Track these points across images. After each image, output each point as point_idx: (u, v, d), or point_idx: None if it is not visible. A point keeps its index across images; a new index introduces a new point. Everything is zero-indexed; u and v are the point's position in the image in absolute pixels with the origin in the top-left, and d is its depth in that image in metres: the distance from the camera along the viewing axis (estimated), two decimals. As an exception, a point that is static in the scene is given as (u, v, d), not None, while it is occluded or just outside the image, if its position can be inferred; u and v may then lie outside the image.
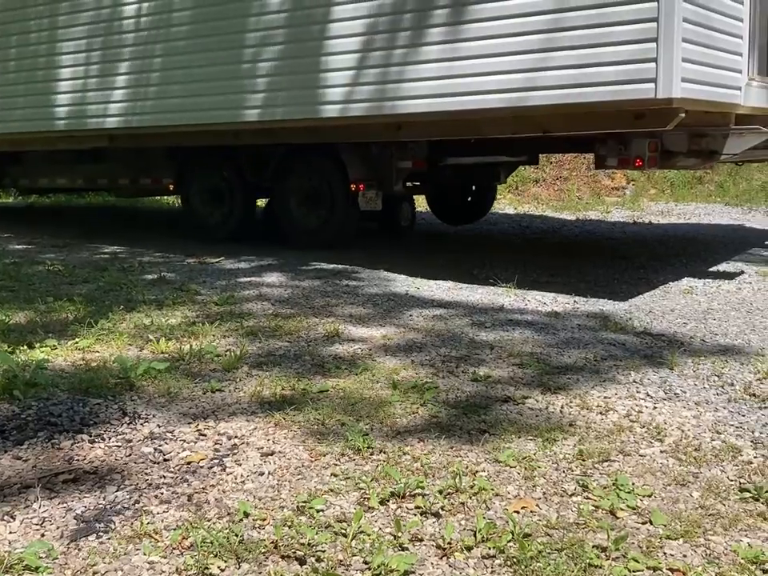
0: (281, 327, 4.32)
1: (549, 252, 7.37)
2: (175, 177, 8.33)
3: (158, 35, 7.70)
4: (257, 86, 6.99)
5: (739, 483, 2.45)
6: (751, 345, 4.00)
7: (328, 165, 7.29)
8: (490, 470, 2.56)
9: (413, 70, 6.03)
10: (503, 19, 5.59)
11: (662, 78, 4.90)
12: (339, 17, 6.48)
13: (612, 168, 6.73)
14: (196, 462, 2.66)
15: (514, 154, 8.03)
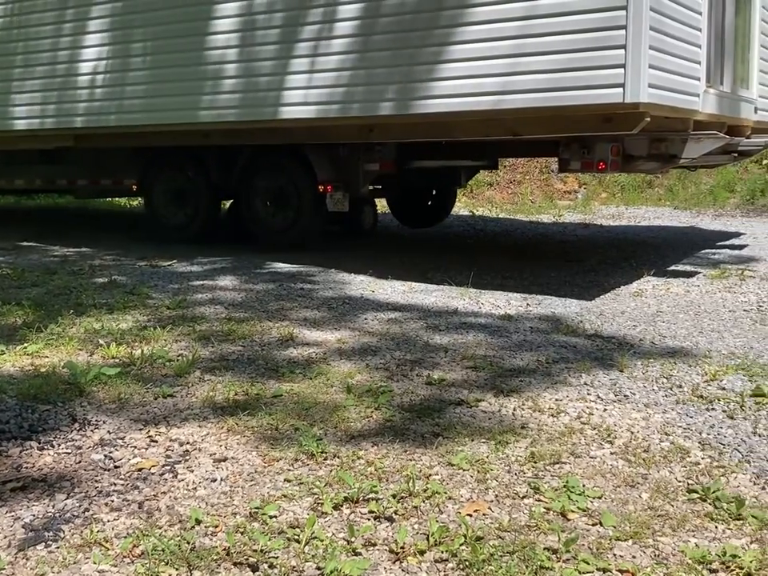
0: (234, 331, 4.29)
1: (502, 255, 7.43)
2: (138, 177, 8.26)
3: (127, 35, 7.65)
4: (228, 87, 7.00)
5: (687, 484, 2.49)
6: (699, 347, 4.07)
7: (295, 166, 7.34)
8: (444, 473, 2.57)
9: (385, 73, 6.11)
10: (474, 25, 5.71)
11: (629, 83, 5.08)
12: (313, 20, 6.51)
13: (575, 171, 6.86)
14: (147, 468, 2.63)
15: (478, 158, 8.15)
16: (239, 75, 6.93)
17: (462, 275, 6.15)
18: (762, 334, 4.36)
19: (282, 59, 6.71)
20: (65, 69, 8.09)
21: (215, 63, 7.06)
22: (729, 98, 6.69)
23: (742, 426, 2.96)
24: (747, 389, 3.36)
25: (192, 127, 7.27)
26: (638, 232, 9.34)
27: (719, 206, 12.09)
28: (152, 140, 7.70)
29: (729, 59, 6.71)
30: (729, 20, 6.66)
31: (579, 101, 5.32)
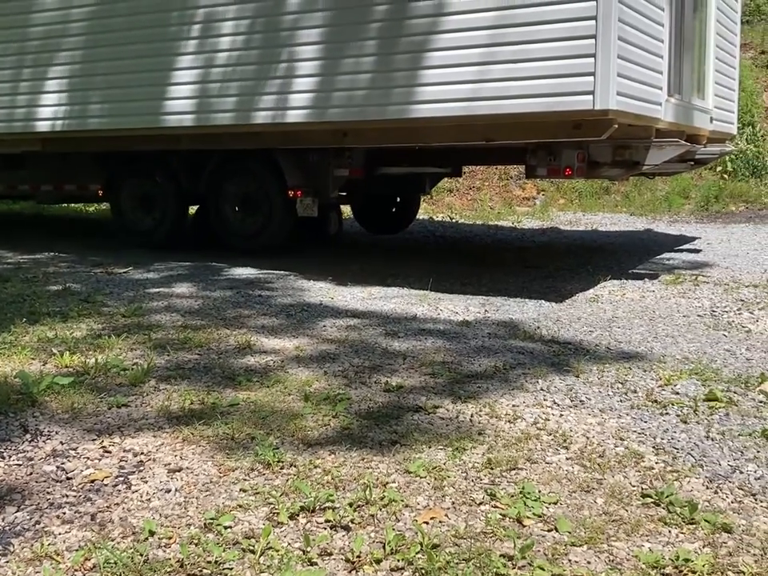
0: (190, 339, 4.25)
1: (461, 261, 7.46)
2: (104, 182, 8.20)
3: (98, 39, 7.62)
4: (201, 92, 7.01)
5: (641, 489, 2.52)
6: (653, 352, 4.12)
7: (265, 171, 7.36)
8: (401, 480, 2.57)
9: (360, 79, 6.19)
10: (446, 33, 5.83)
11: (599, 90, 5.28)
12: (288, 26, 6.55)
13: (542, 177, 6.96)
14: (100, 479, 2.60)
15: (444, 165, 8.22)
16: (212, 80, 6.95)
17: (421, 281, 6.16)
18: (715, 338, 4.42)
19: (255, 64, 6.75)
20: (32, 72, 8.03)
21: (188, 68, 7.07)
22: (687, 107, 6.88)
23: (695, 431, 3.00)
24: (700, 393, 3.41)
25: (163, 132, 7.28)
26: (594, 238, 9.44)
27: (674, 212, 12.26)
28: (122, 144, 7.68)
29: (687, 70, 6.90)
30: (687, 32, 6.84)
31: (550, 107, 5.48)
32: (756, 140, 13.50)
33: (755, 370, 3.76)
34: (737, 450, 2.81)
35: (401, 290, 5.88)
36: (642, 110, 5.80)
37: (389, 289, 5.94)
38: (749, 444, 2.87)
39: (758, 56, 15.56)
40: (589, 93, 5.32)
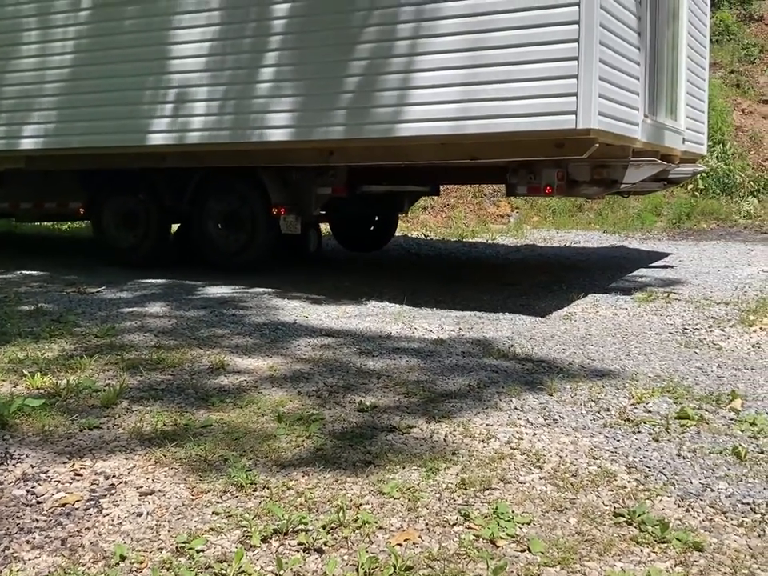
0: (163, 359, 4.22)
1: (436, 279, 7.48)
2: (86, 200, 8.18)
3: (84, 58, 7.62)
4: (189, 110, 7.05)
5: (614, 508, 2.53)
6: (626, 370, 4.15)
7: (249, 189, 7.43)
8: (374, 502, 2.56)
9: (347, 98, 6.28)
10: (430, 54, 5.95)
11: (581, 110, 5.43)
12: (275, 46, 6.63)
13: (522, 195, 7.13)
14: (71, 503, 2.57)
15: (424, 184, 8.32)
16: (201, 99, 7.00)
17: (396, 299, 6.18)
18: (687, 356, 4.46)
19: (244, 83, 6.80)
20: (17, 90, 8.01)
21: (174, 87, 7.11)
22: (662, 127, 7.06)
23: (666, 449, 3.02)
24: (672, 411, 3.43)
25: (149, 150, 7.32)
26: (568, 255, 9.51)
27: (647, 229, 12.39)
28: (106, 162, 7.68)
29: (661, 92, 7.07)
30: (661, 53, 7.03)
31: (534, 126, 5.62)
32: (726, 158, 13.69)
33: (726, 388, 3.80)
34: (708, 468, 2.83)
35: (375, 308, 5.89)
36: (621, 130, 5.94)
37: (363, 307, 5.95)
38: (720, 462, 2.89)
39: (727, 75, 15.80)
40: (572, 113, 5.46)
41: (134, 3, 7.34)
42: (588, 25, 5.40)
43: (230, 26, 6.88)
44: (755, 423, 3.26)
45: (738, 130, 14.51)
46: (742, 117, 14.86)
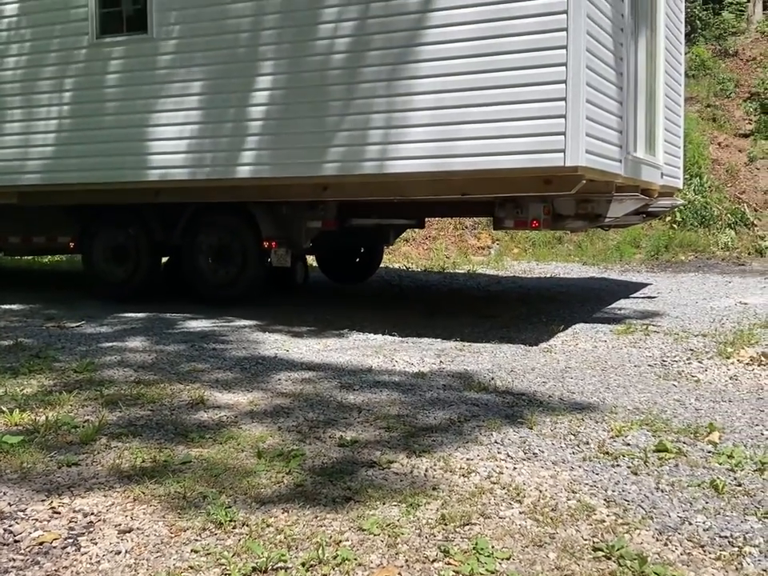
0: (143, 395, 4.20)
1: (417, 311, 7.50)
2: (76, 235, 8.24)
3: (82, 96, 7.73)
4: (185, 147, 7.20)
5: (593, 542, 2.54)
6: (605, 402, 4.17)
7: (240, 223, 7.56)
8: (354, 538, 2.56)
9: (342, 136, 6.47)
10: (424, 94, 6.16)
11: (569, 149, 5.65)
12: (271, 85, 6.82)
13: (509, 228, 7.40)
14: (49, 542, 2.55)
15: (412, 217, 8.50)
16: (194, 136, 7.14)
17: (377, 332, 6.20)
18: (665, 388, 4.49)
19: (239, 121, 6.97)
20: (10, 126, 8.10)
21: (171, 124, 7.25)
22: (642, 163, 7.27)
23: (645, 482, 3.04)
24: (651, 444, 3.45)
25: (143, 185, 7.44)
26: (548, 287, 9.57)
27: (625, 261, 12.49)
28: (101, 197, 7.77)
29: (641, 128, 7.27)
30: (640, 92, 7.25)
31: (524, 164, 5.83)
32: (703, 191, 13.87)
33: (704, 420, 3.83)
34: (686, 501, 2.85)
35: (356, 341, 5.89)
36: (605, 167, 6.15)
37: (344, 340, 5.95)
38: (698, 495, 2.91)
39: (703, 109, 16.06)
40: (560, 151, 5.68)
41: (126, 44, 7.49)
42: (575, 67, 5.63)
43: (223, 65, 7.03)
44: (733, 456, 3.28)
45: (715, 163, 14.73)
46: (719, 150, 15.09)
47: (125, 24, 7.58)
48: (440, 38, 6.11)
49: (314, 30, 6.62)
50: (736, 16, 19.00)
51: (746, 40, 17.97)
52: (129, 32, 7.53)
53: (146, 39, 7.36)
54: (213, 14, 7.05)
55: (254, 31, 6.89)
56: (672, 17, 8.51)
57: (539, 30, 5.74)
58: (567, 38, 5.64)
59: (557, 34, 5.67)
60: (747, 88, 16.39)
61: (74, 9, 7.68)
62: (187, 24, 7.18)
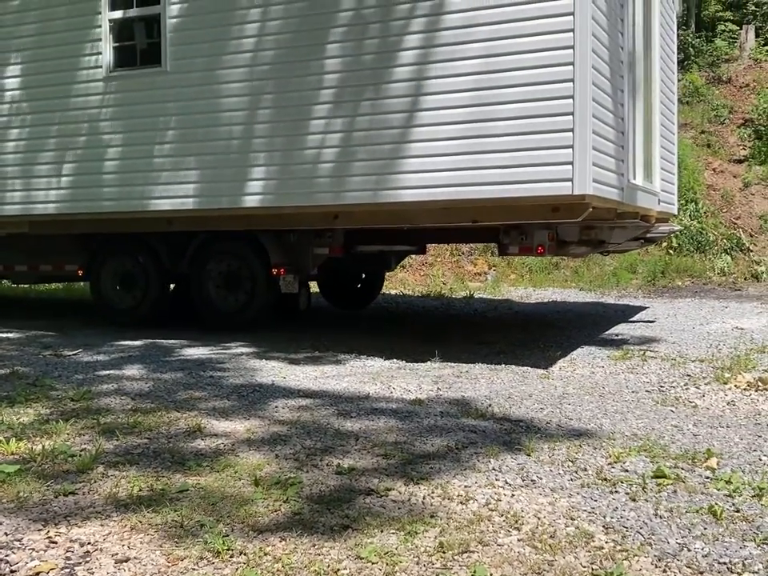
0: (140, 423, 4.20)
1: (414, 337, 7.50)
2: (84, 263, 8.35)
3: (92, 127, 7.87)
4: (199, 177, 7.38)
5: (591, 569, 2.53)
6: (603, 429, 4.17)
7: (249, 250, 7.71)
8: (352, 567, 2.55)
9: (353, 166, 6.71)
10: (437, 126, 6.34)
11: (576, 178, 5.85)
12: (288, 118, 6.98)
13: (514, 254, 7.57)
14: (45, 572, 2.53)
15: (415, 243, 8.65)
16: (211, 166, 7.32)
17: (374, 358, 6.19)
18: (663, 414, 4.49)
19: (252, 151, 7.14)
20: (22, 157, 8.22)
21: (186, 155, 7.43)
22: (641, 190, 7.43)
23: (643, 509, 3.03)
24: (649, 470, 3.45)
25: (157, 215, 7.58)
26: (545, 313, 9.58)
27: (622, 286, 12.52)
28: (112, 226, 7.90)
29: (639, 155, 7.44)
30: (638, 120, 7.41)
31: (533, 192, 6.02)
32: (699, 216, 13.94)
33: (702, 446, 3.82)
34: (684, 528, 2.84)
35: (354, 368, 5.89)
36: (609, 195, 6.36)
37: (341, 367, 5.95)
38: (696, 521, 2.90)
39: (698, 135, 16.17)
40: (568, 180, 5.87)
41: (140, 77, 7.67)
42: (581, 99, 5.84)
43: (235, 98, 7.21)
44: (731, 481, 3.28)
45: (710, 189, 14.81)
46: (714, 176, 15.18)
47: (138, 57, 7.80)
48: (448, 71, 6.32)
49: (322, 62, 6.80)
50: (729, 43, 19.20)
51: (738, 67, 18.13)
52: (143, 65, 7.74)
53: (159, 72, 7.55)
54: (226, 48, 7.23)
55: (264, 65, 7.07)
56: (665, 46, 8.64)
57: (546, 63, 5.95)
58: (574, 71, 5.85)
59: (564, 68, 5.89)
60: (741, 114, 16.53)
61: (88, 42, 7.85)
62: (201, 57, 7.36)
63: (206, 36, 7.29)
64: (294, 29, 6.92)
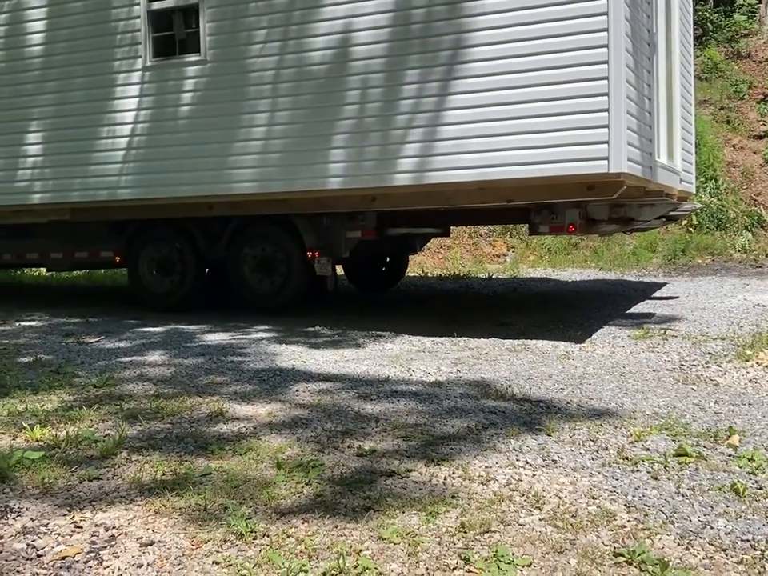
0: (162, 408, 4.23)
1: (433, 319, 7.50)
2: (121, 249, 8.51)
3: (135, 116, 8.02)
4: (241, 162, 7.55)
5: (614, 548, 2.53)
6: (624, 408, 4.16)
7: (284, 234, 7.87)
8: (374, 547, 2.57)
9: (391, 149, 6.87)
10: (479, 107, 6.51)
11: (612, 156, 6.04)
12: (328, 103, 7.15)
13: (544, 234, 7.75)
14: (71, 556, 2.57)
15: (443, 225, 8.87)
16: (253, 152, 7.49)
17: (393, 341, 6.20)
18: (684, 393, 4.48)
19: (293, 137, 7.30)
20: (66, 145, 8.34)
21: (230, 141, 7.59)
22: (666, 169, 7.51)
23: (665, 487, 3.03)
24: (670, 449, 3.44)
25: (198, 200, 7.75)
26: (564, 294, 9.55)
27: (642, 266, 12.45)
28: (154, 212, 8.08)
29: (663, 134, 7.55)
30: (661, 100, 7.48)
31: (569, 171, 6.21)
32: (719, 193, 13.81)
33: (723, 424, 3.81)
34: (707, 506, 2.84)
35: (373, 351, 5.90)
36: (641, 173, 6.50)
37: (361, 350, 5.96)
38: (718, 499, 2.90)
39: (717, 112, 16.00)
40: (604, 158, 6.06)
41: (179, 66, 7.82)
42: (616, 80, 6.03)
43: (284, 83, 7.37)
44: (753, 459, 3.27)
45: (730, 166, 14.66)
46: (733, 152, 15.02)
47: (177, 47, 7.96)
48: (486, 55, 6.49)
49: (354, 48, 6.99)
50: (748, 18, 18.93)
51: (758, 41, 17.89)
52: (182, 54, 7.89)
53: (198, 61, 7.69)
54: (263, 36, 7.38)
55: (300, 53, 7.24)
56: (684, 23, 8.60)
57: (582, 46, 6.15)
58: (608, 54, 6.04)
59: (599, 50, 6.08)
60: (761, 89, 16.32)
61: (128, 33, 8.00)
62: (239, 46, 7.51)
63: (244, 24, 7.48)
64: (330, 16, 7.08)
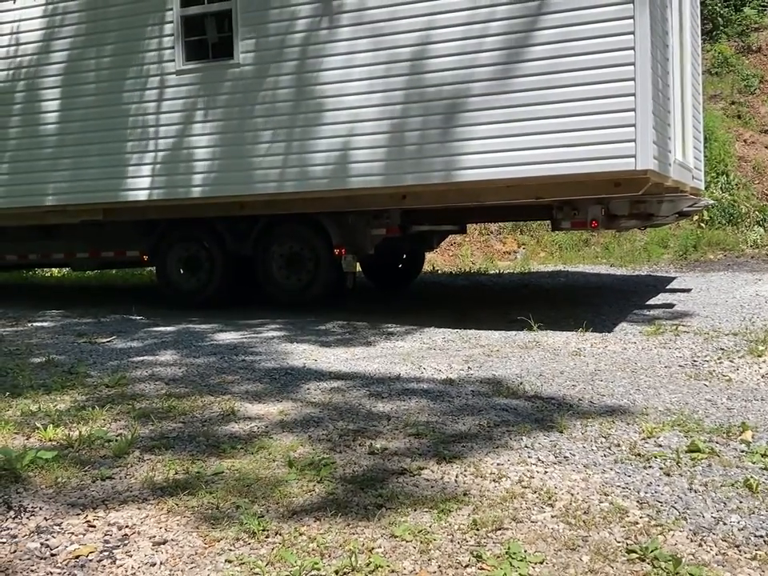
0: (174, 408, 4.24)
1: (444, 316, 7.49)
2: (149, 248, 8.65)
3: (168, 118, 8.15)
4: (274, 162, 7.70)
5: (626, 544, 2.52)
6: (636, 404, 4.15)
7: (311, 232, 8.04)
8: (386, 545, 2.57)
9: (423, 149, 7.05)
10: (507, 108, 6.71)
11: (639, 154, 6.26)
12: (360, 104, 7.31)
13: (566, 230, 8.08)
14: (85, 555, 2.58)
15: (463, 222, 9.06)
16: (286, 152, 7.62)
17: (404, 339, 6.20)
18: (696, 388, 4.46)
19: (322, 138, 7.45)
20: (99, 148, 8.45)
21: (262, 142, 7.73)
22: (681, 165, 7.62)
23: (678, 483, 3.02)
24: (683, 445, 3.43)
25: (230, 199, 7.90)
26: (575, 290, 9.53)
27: (653, 262, 12.41)
28: (186, 212, 8.23)
29: (678, 132, 7.66)
30: (676, 98, 7.61)
31: (597, 169, 6.42)
32: (730, 189, 13.74)
33: (736, 420, 3.79)
34: (720, 502, 2.83)
35: (384, 349, 5.90)
36: (664, 170, 6.67)
37: (372, 348, 5.97)
38: (731, 495, 2.89)
39: (728, 106, 15.92)
40: (631, 156, 6.26)
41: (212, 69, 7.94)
42: (642, 82, 6.24)
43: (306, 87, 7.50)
44: (766, 455, 3.26)
45: (741, 161, 14.58)
46: (745, 147, 14.94)
47: (210, 50, 8.06)
48: (520, 57, 6.70)
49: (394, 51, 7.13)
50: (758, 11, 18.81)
51: (769, 35, 17.77)
52: (214, 58, 7.99)
53: (231, 65, 7.80)
54: (296, 40, 7.54)
55: (330, 55, 7.40)
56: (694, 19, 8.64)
57: (611, 48, 6.34)
58: (635, 56, 6.24)
59: (626, 53, 6.28)
60: (772, 84, 16.21)
61: (161, 37, 8.12)
62: (271, 50, 7.63)
63: (276, 28, 7.61)
64: (366, 20, 7.23)
